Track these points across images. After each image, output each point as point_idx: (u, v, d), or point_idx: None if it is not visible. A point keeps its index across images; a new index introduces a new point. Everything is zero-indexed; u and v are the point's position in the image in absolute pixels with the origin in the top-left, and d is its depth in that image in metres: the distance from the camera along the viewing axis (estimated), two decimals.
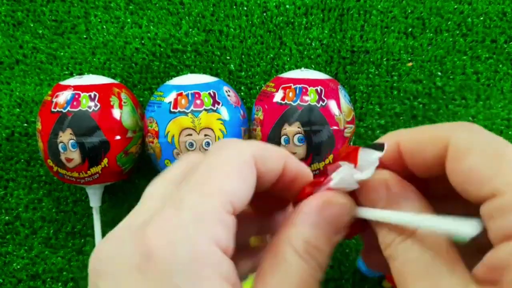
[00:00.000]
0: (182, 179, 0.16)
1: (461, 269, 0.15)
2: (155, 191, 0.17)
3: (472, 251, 0.15)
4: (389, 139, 0.18)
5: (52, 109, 0.36)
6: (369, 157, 0.17)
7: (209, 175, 0.15)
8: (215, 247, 0.14)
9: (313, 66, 0.43)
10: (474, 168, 0.14)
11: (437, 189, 0.18)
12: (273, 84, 0.37)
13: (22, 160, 0.44)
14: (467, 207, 0.15)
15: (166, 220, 0.14)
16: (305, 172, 0.19)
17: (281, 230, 0.17)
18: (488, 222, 0.14)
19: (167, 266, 0.13)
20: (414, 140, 0.17)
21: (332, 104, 0.35)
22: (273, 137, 0.36)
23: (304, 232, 0.17)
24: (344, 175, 0.17)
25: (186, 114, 0.35)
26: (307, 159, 0.35)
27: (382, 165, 0.17)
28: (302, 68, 0.39)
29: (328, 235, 0.17)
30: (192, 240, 0.14)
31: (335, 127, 0.35)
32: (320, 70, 0.42)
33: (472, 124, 0.16)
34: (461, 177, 0.15)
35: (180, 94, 0.35)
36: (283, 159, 0.18)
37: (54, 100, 0.36)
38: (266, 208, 0.21)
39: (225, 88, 0.37)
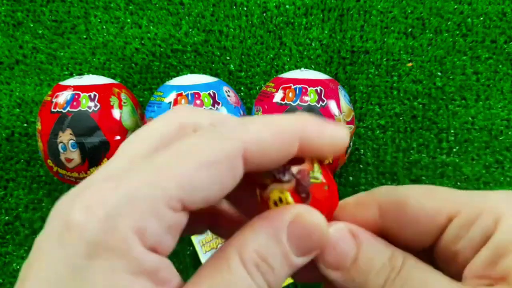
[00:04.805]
0: (161, 144, 0.15)
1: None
2: (129, 151, 0.15)
3: None
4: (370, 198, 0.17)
5: (52, 109, 0.36)
6: None
7: (172, 161, 0.13)
8: (135, 237, 0.13)
9: (313, 66, 0.43)
10: (428, 205, 0.15)
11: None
12: (273, 84, 0.37)
13: (22, 160, 0.44)
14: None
15: (98, 194, 0.13)
16: (332, 140, 0.16)
17: (239, 230, 0.15)
18: (457, 239, 0.15)
19: (80, 240, 0.12)
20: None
21: (332, 104, 0.35)
22: None
23: (258, 242, 0.14)
24: None
25: None
26: None
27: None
28: (302, 68, 0.39)
29: (287, 255, 0.15)
30: (112, 221, 0.12)
31: None
32: (320, 70, 0.42)
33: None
34: (422, 214, 0.15)
35: (180, 94, 0.35)
36: (296, 136, 0.15)
37: (54, 100, 0.36)
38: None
39: (225, 88, 0.37)
